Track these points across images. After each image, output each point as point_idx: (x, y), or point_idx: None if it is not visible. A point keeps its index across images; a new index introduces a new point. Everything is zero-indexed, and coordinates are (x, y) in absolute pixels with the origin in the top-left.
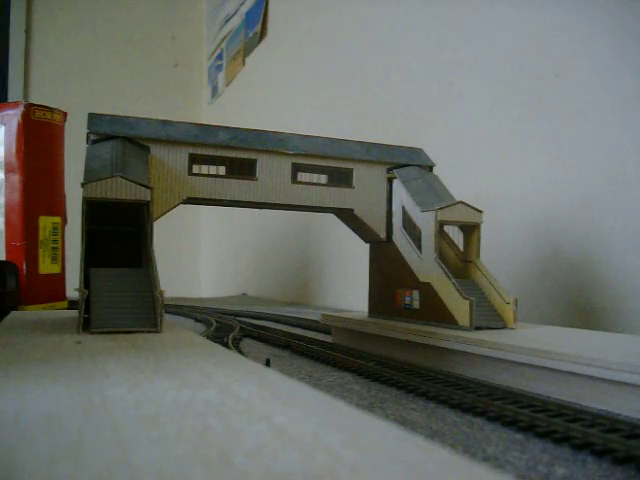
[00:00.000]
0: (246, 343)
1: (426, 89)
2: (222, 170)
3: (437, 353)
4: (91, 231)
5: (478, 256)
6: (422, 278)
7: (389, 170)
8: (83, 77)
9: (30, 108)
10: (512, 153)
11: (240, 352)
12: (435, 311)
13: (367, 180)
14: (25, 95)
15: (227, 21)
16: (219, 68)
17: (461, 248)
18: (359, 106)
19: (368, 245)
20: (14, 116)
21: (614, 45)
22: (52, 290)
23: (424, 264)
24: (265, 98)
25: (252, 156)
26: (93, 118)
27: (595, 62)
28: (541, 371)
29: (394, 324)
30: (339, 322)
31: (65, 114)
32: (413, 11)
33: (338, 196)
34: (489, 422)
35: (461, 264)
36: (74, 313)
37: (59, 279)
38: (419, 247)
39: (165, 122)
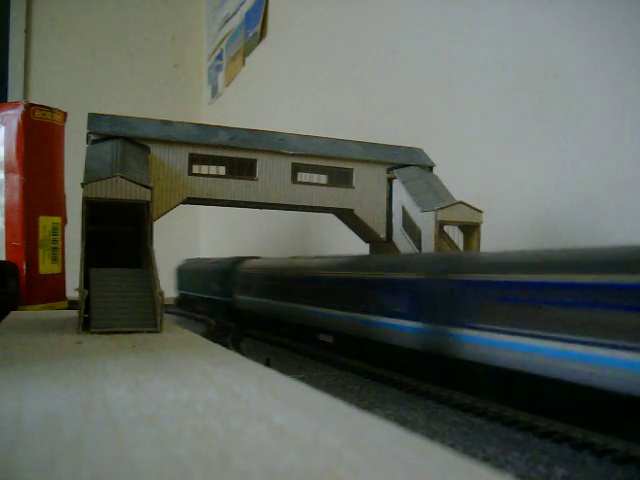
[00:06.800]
0: (246, 343)
1: (426, 89)
2: (222, 170)
3: None
4: (91, 231)
5: None
6: None
7: (389, 170)
8: (83, 77)
9: (30, 108)
10: (512, 153)
11: (240, 352)
12: None
13: (367, 180)
14: (25, 95)
15: (227, 21)
16: (219, 68)
17: (461, 248)
18: (359, 106)
19: (368, 245)
20: (14, 116)
21: (614, 45)
22: (52, 290)
23: None
24: (265, 98)
25: (252, 156)
26: (93, 118)
27: (595, 62)
28: None
29: None
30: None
31: (65, 114)
32: (413, 11)
33: (338, 196)
34: (489, 422)
35: None
36: (74, 313)
37: (59, 279)
38: (419, 247)
39: (165, 122)
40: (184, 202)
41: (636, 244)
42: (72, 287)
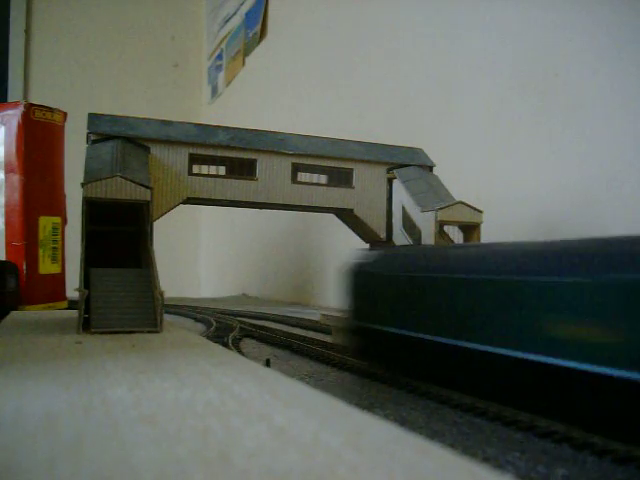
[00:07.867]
0: (246, 343)
1: (426, 89)
2: (222, 170)
3: None
4: (91, 231)
5: None
6: None
7: (389, 170)
8: (83, 77)
9: (30, 108)
10: (512, 153)
11: (240, 352)
12: None
13: (367, 180)
14: (25, 95)
15: (227, 21)
16: (219, 68)
17: None
18: (359, 106)
19: (368, 245)
20: (14, 116)
21: (614, 45)
22: (52, 290)
23: None
24: (265, 98)
25: (252, 156)
26: (93, 118)
27: (595, 62)
28: None
29: None
30: (339, 322)
31: (65, 114)
32: (413, 11)
33: (338, 196)
34: (489, 422)
35: None
36: (74, 313)
37: (59, 279)
38: None
39: (165, 122)
40: (184, 202)
41: None
42: (72, 287)
